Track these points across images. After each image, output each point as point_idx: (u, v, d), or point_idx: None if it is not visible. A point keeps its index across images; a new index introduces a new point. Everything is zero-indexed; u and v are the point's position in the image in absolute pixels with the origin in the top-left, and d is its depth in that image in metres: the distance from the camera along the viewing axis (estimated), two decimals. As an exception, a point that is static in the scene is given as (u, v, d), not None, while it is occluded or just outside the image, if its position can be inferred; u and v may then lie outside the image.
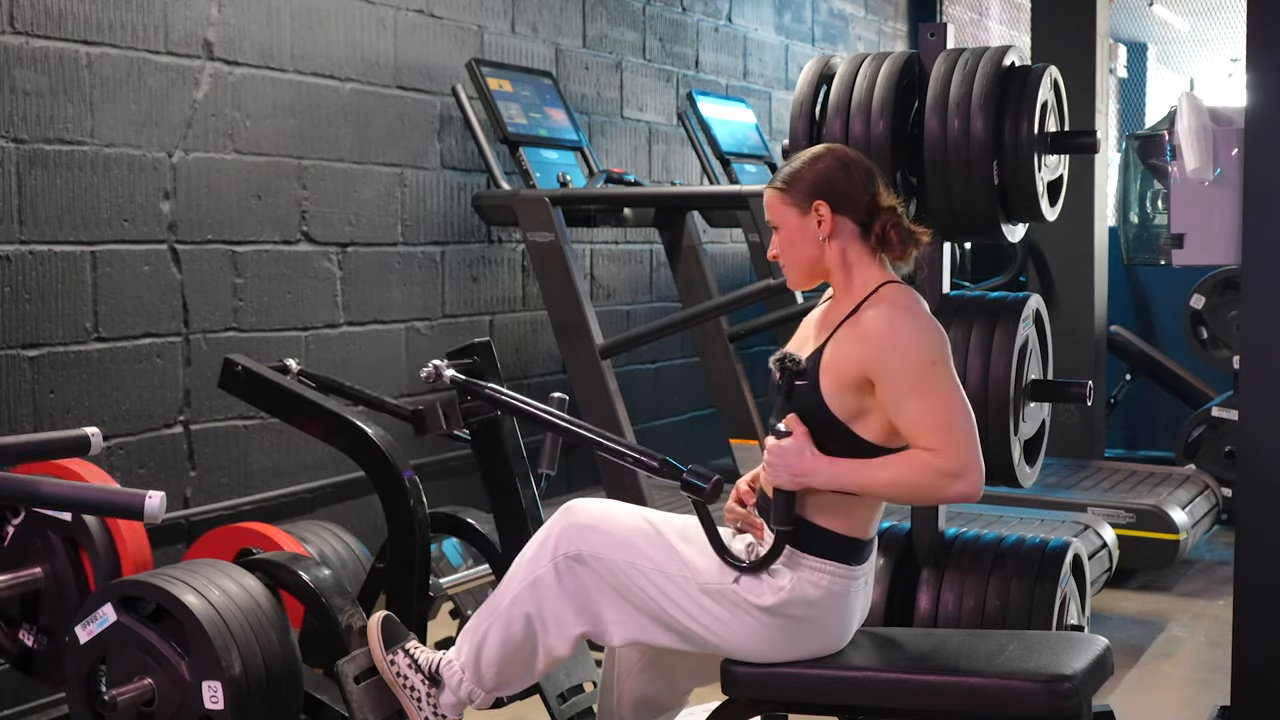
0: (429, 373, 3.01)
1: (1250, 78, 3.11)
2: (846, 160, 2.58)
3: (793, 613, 2.50)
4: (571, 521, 2.62)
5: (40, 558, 2.96)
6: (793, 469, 2.46)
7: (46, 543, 2.95)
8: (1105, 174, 6.58)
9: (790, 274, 2.64)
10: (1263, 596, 3.12)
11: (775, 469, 2.48)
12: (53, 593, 2.96)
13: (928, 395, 2.42)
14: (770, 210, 2.61)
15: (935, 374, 2.44)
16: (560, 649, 2.63)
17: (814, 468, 2.46)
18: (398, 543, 3.04)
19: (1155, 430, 7.18)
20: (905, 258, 2.58)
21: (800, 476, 2.46)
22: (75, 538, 2.95)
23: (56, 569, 2.95)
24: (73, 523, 2.93)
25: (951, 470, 2.40)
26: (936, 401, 2.42)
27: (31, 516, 2.96)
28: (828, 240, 2.56)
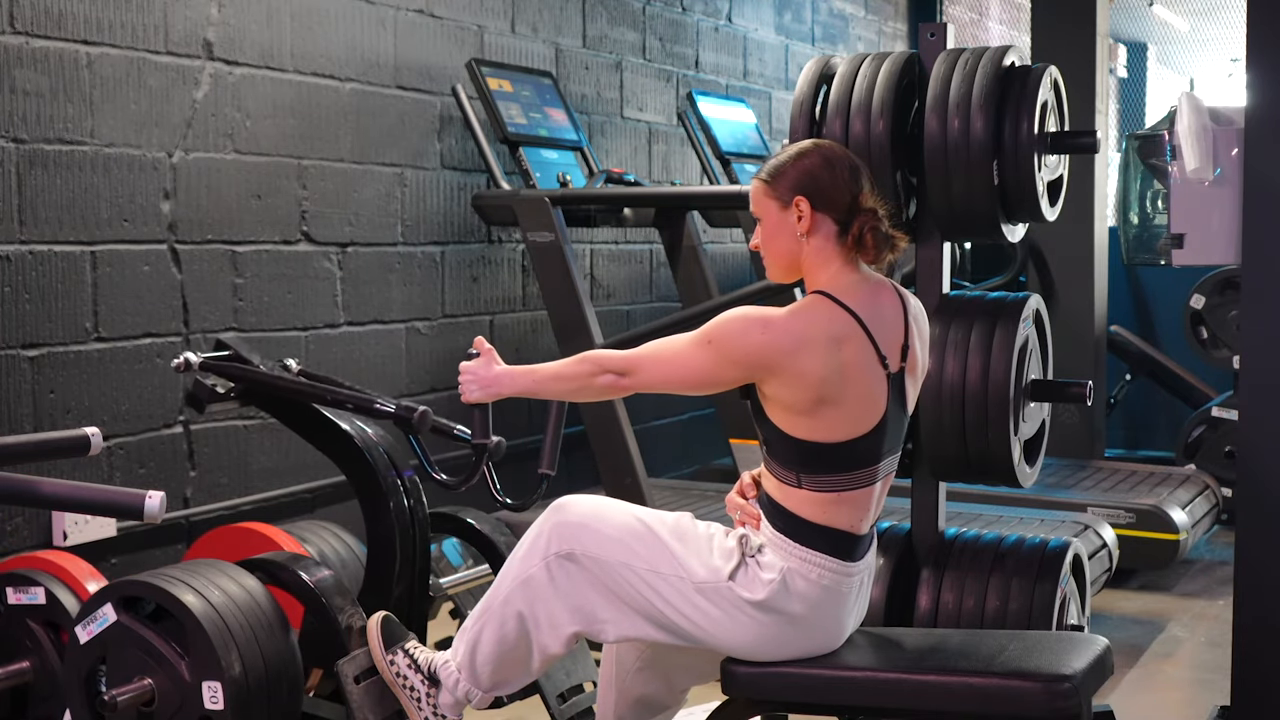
0: (179, 363, 3.15)
1: (1250, 78, 3.11)
2: (832, 158, 2.58)
3: (785, 607, 2.50)
4: (563, 520, 2.62)
5: (25, 651, 2.94)
6: (482, 381, 2.71)
7: (28, 633, 2.93)
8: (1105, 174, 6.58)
9: (769, 267, 2.66)
10: (1263, 596, 3.12)
11: (468, 385, 2.72)
12: (42, 683, 2.93)
13: (684, 341, 2.56)
14: (754, 201, 2.63)
15: (700, 340, 2.53)
16: (554, 647, 2.63)
17: (499, 376, 2.70)
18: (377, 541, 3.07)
19: (1155, 430, 7.18)
20: (880, 261, 2.59)
21: (489, 386, 2.70)
22: (54, 620, 2.92)
23: (44, 658, 2.92)
24: (47, 605, 2.91)
25: (619, 366, 2.59)
26: (677, 346, 2.56)
27: (10, 611, 2.95)
28: (806, 236, 2.56)
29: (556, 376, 2.67)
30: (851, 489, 2.53)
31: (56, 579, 2.96)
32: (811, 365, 2.46)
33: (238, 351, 3.23)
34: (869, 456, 2.53)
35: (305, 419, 3.20)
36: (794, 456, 2.51)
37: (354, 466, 3.14)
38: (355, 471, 3.14)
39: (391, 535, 3.06)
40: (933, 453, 3.17)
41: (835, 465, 2.51)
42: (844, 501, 2.53)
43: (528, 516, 3.20)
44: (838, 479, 2.51)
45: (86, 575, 3.00)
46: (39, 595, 2.92)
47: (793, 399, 2.48)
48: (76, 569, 3.02)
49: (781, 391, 2.49)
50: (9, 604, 2.94)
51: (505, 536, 3.31)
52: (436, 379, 4.84)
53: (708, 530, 2.62)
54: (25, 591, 2.93)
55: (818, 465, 2.51)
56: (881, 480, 2.58)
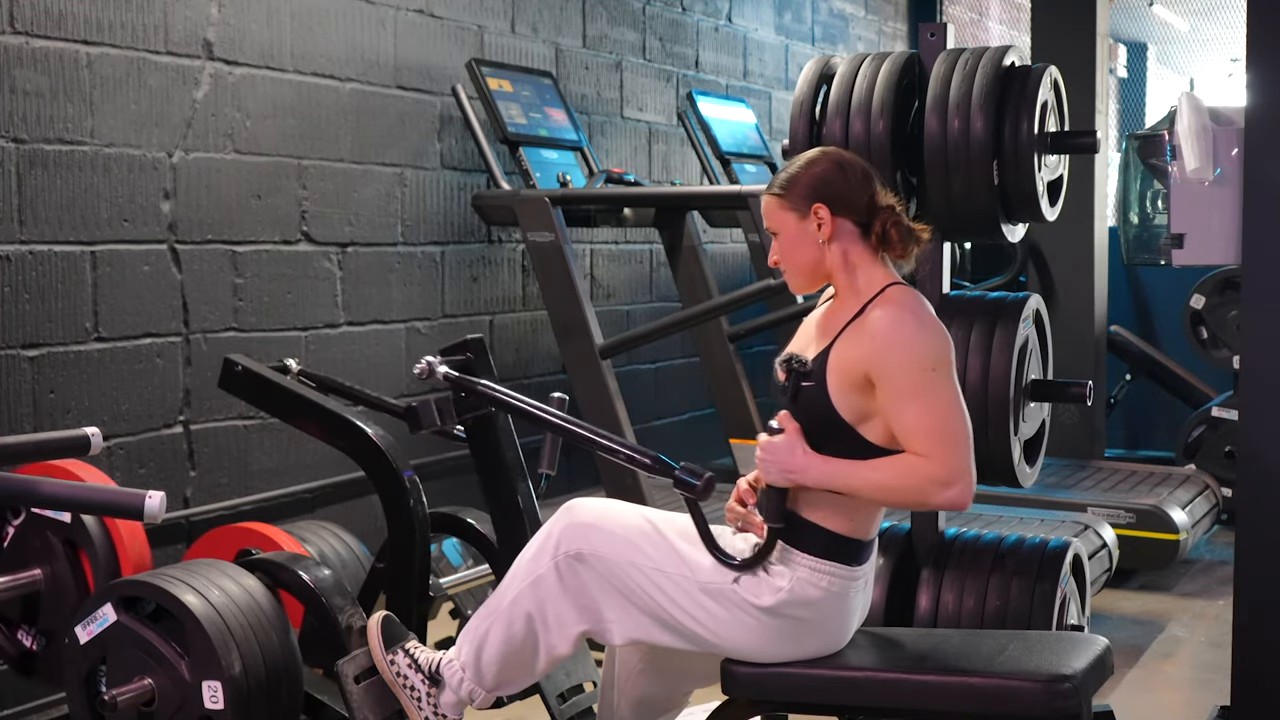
0: (422, 369, 2.99)
1: (1250, 78, 3.11)
2: (843, 162, 2.58)
3: (792, 613, 2.50)
4: (573, 520, 2.62)
5: (40, 559, 2.96)
6: (784, 465, 2.47)
7: (46, 544, 2.95)
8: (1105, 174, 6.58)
9: (792, 279, 2.63)
10: (1263, 597, 3.12)
11: (767, 466, 2.49)
12: (52, 595, 2.95)
13: (925, 399, 2.41)
14: (768, 216, 2.61)
15: (934, 379, 2.43)
16: (561, 648, 2.63)
17: (805, 464, 2.46)
18: (398, 542, 3.04)
19: (1155, 430, 7.18)
20: (907, 256, 2.58)
21: (791, 474, 2.47)
22: (74, 539, 2.94)
23: (56, 571, 2.95)
24: (72, 524, 2.93)
25: (942, 478, 2.40)
26: (933, 406, 2.42)
27: (31, 518, 2.96)
28: (828, 243, 2.56)
29: (882, 488, 2.44)
30: None
31: None
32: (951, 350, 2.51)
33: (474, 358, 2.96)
34: None
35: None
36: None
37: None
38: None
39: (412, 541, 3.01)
40: (933, 453, 3.17)
41: None
42: (868, 507, 2.54)
43: (528, 516, 3.20)
44: None
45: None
46: (65, 514, 2.92)
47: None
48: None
49: None
50: (32, 511, 2.95)
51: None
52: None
53: (715, 531, 2.62)
54: None
55: None
56: None
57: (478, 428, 3.12)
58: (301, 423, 3.20)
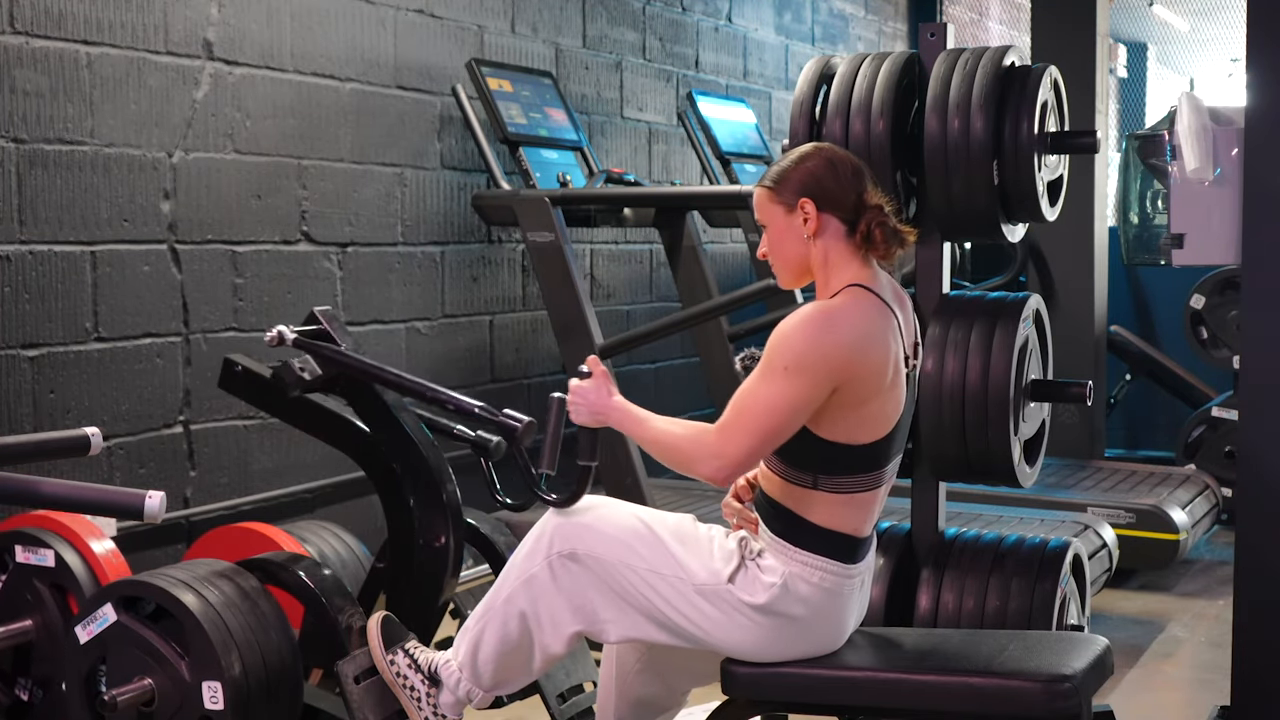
0: (273, 337, 3.02)
1: (1250, 78, 3.11)
2: (834, 159, 2.58)
3: (786, 610, 2.50)
4: (565, 520, 2.62)
5: (29, 610, 2.96)
6: (592, 406, 2.62)
7: (34, 593, 2.95)
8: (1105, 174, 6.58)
9: (779, 273, 2.64)
10: (1263, 597, 3.12)
11: (576, 407, 2.63)
12: (45, 643, 2.95)
13: (759, 383, 2.46)
14: (759, 208, 2.62)
15: (782, 376, 2.42)
16: (556, 647, 2.63)
17: (609, 405, 2.61)
18: (398, 542, 3.04)
19: (1155, 430, 7.17)
20: (890, 257, 2.58)
21: (599, 414, 2.62)
22: (61, 583, 2.94)
23: (47, 619, 2.94)
24: (56, 568, 2.93)
25: (717, 451, 2.47)
26: (759, 393, 2.45)
27: (17, 569, 2.96)
28: (813, 239, 2.56)
29: (665, 444, 2.53)
30: (865, 490, 2.53)
31: (67, 542, 2.97)
32: (877, 358, 2.46)
33: (329, 327, 3.06)
34: (884, 457, 2.54)
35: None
36: (816, 458, 2.50)
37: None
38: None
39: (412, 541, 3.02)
40: (933, 453, 3.17)
41: (855, 467, 2.51)
42: (855, 504, 2.53)
43: (528, 516, 3.21)
44: (855, 480, 2.51)
45: (96, 539, 3.00)
46: (48, 558, 2.93)
47: (853, 396, 2.46)
48: (87, 532, 3.02)
49: (846, 391, 2.46)
50: (17, 562, 2.95)
51: (505, 536, 3.30)
52: (437, 379, 4.82)
53: (708, 532, 2.62)
54: (35, 552, 2.94)
55: (838, 467, 2.50)
56: (888, 482, 2.59)
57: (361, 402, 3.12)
58: (300, 423, 3.20)
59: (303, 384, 3.03)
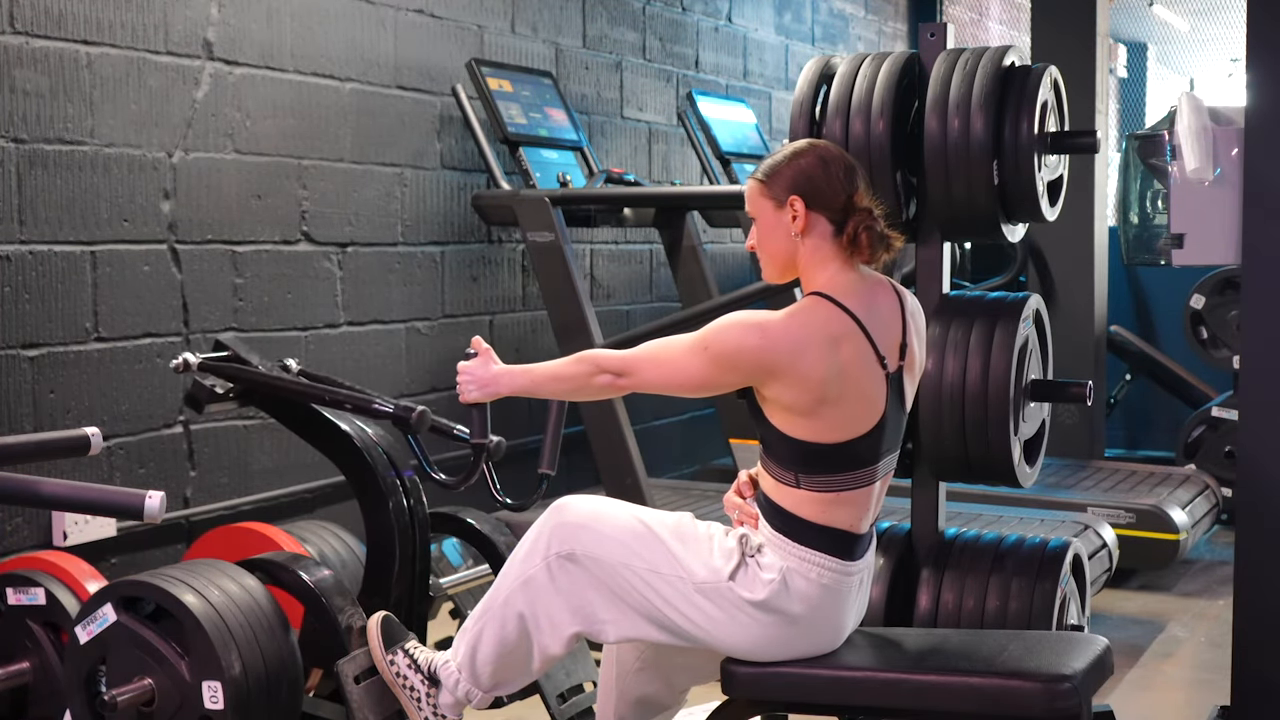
0: (178, 364, 3.16)
1: (1250, 78, 3.11)
2: (827, 157, 2.58)
3: (785, 607, 2.50)
4: (563, 520, 2.62)
5: (25, 652, 2.95)
6: (479, 380, 2.71)
7: (28, 633, 2.94)
8: (1105, 174, 6.58)
9: (765, 267, 2.65)
10: (1263, 597, 3.12)
11: (465, 385, 2.72)
12: (42, 684, 2.94)
13: (681, 344, 2.54)
14: (750, 201, 2.63)
15: (697, 345, 2.52)
16: (555, 648, 2.63)
17: (496, 375, 2.70)
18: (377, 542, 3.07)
19: (1155, 430, 7.18)
20: (875, 261, 2.58)
21: (488, 386, 2.70)
22: (55, 621, 2.93)
23: (44, 659, 2.93)
24: (48, 605, 2.92)
25: (616, 367, 2.58)
26: (674, 350, 2.55)
27: (9, 611, 2.96)
28: (800, 236, 2.56)
29: (554, 377, 2.66)
30: (851, 489, 2.52)
31: (57, 579, 2.96)
32: (811, 367, 2.46)
33: (236, 352, 3.23)
34: (868, 456, 2.53)
35: (304, 419, 3.20)
36: (793, 457, 2.51)
37: (353, 466, 3.14)
38: (354, 472, 3.14)
39: (391, 535, 3.06)
40: (933, 453, 3.17)
41: (835, 465, 2.51)
42: (843, 501, 2.53)
43: (528, 516, 3.20)
44: (837, 479, 2.51)
45: (87, 576, 3.01)
46: (39, 596, 2.92)
47: (793, 401, 2.48)
48: (77, 569, 3.02)
49: (782, 394, 2.48)
50: (9, 604, 2.94)
51: (505, 536, 3.31)
52: (437, 379, 4.84)
53: (708, 530, 2.62)
54: (25, 592, 2.93)
55: (817, 466, 2.50)
56: (881, 479, 2.58)
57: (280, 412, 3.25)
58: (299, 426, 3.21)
59: (217, 397, 3.16)
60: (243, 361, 3.21)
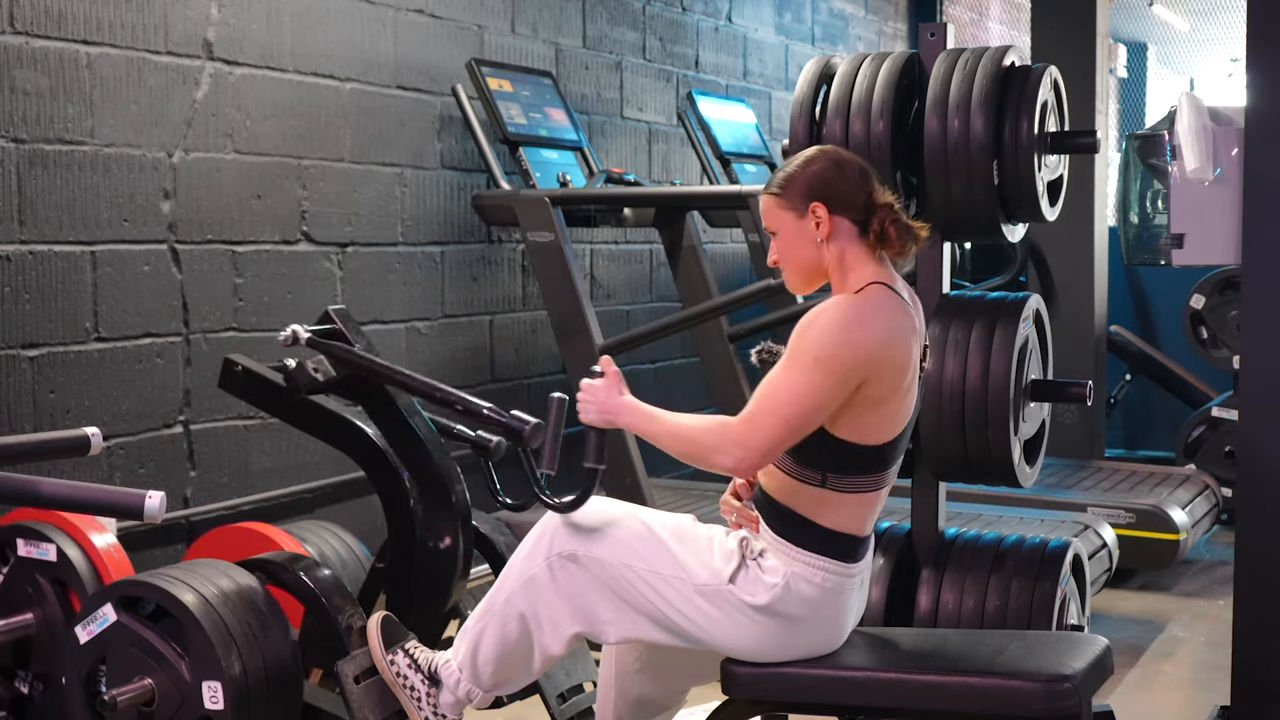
0: (286, 336, 3.00)
1: (1250, 78, 3.11)
2: (840, 160, 2.58)
3: (787, 610, 2.50)
4: (566, 520, 2.62)
5: (30, 603, 2.96)
6: (602, 407, 2.58)
7: (36, 587, 2.95)
8: (1105, 174, 6.58)
9: (791, 278, 2.62)
10: (1263, 597, 3.12)
11: (586, 406, 2.59)
12: (45, 637, 2.95)
13: (785, 374, 2.43)
14: (767, 216, 2.60)
15: (808, 366, 2.41)
16: (556, 648, 2.63)
17: (620, 405, 2.57)
18: (398, 543, 3.04)
19: (1155, 430, 7.18)
20: (905, 253, 2.57)
21: (608, 414, 2.58)
22: (63, 578, 2.94)
23: (48, 613, 2.94)
24: (58, 563, 2.93)
25: (738, 441, 2.43)
26: (785, 383, 2.43)
27: (19, 562, 2.96)
28: (826, 242, 2.55)
29: (680, 436, 2.50)
30: (873, 490, 2.53)
31: (69, 536, 2.97)
32: (902, 356, 2.46)
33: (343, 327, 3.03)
34: (892, 458, 2.54)
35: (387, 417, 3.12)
36: (828, 457, 2.48)
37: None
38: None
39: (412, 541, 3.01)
40: (933, 453, 3.17)
41: (865, 467, 2.50)
42: (861, 503, 2.53)
43: (528, 516, 3.21)
44: (864, 480, 2.51)
45: (98, 533, 3.00)
46: (50, 552, 2.93)
47: (876, 394, 2.45)
48: (89, 526, 3.02)
49: (869, 388, 2.44)
50: (19, 555, 2.95)
51: (505, 536, 3.30)
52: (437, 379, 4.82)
53: (709, 532, 2.62)
54: (36, 546, 2.94)
55: (849, 466, 2.50)
56: (891, 481, 2.59)
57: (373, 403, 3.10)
58: (300, 423, 3.20)
59: (315, 385, 3.00)
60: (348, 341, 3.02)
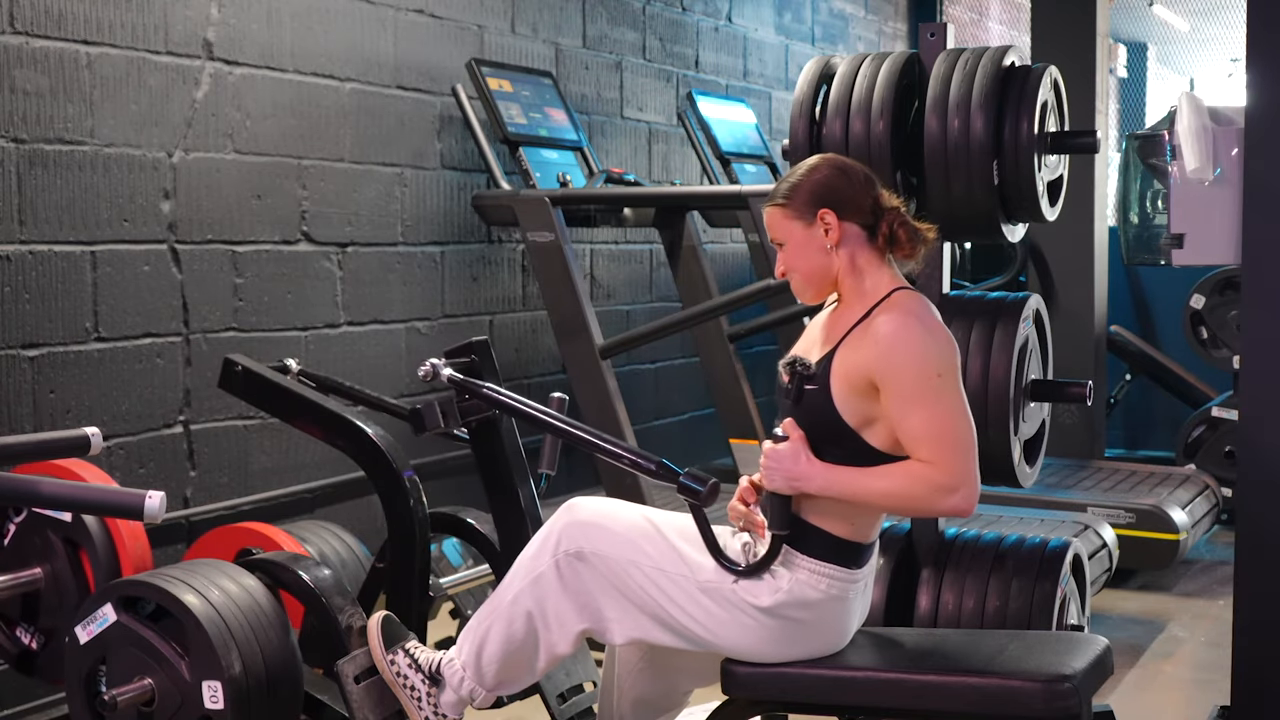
0: (426, 371, 2.97)
1: (1250, 78, 3.11)
2: (844, 166, 2.58)
3: (790, 614, 2.50)
4: (573, 519, 2.62)
5: (40, 558, 2.96)
6: (788, 473, 2.47)
7: (46, 543, 2.95)
8: (1105, 174, 6.58)
9: (801, 288, 2.61)
10: (1263, 596, 3.12)
11: (771, 473, 2.49)
12: (52, 593, 2.95)
13: (930, 405, 2.41)
14: (773, 227, 2.59)
15: (940, 385, 2.43)
16: (562, 646, 2.63)
17: (809, 472, 2.46)
18: (398, 543, 3.04)
19: (1155, 430, 7.18)
20: (915, 255, 2.57)
21: (796, 481, 2.47)
22: (75, 538, 2.95)
23: (56, 569, 2.95)
24: (72, 523, 2.93)
25: (947, 484, 2.41)
26: (939, 413, 2.41)
27: (32, 516, 2.96)
28: (836, 248, 2.54)
29: (887, 494, 2.44)
30: None
31: None
32: (957, 356, 2.51)
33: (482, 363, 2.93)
34: None
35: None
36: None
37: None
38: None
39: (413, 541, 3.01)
40: (933, 453, 3.17)
41: None
42: (868, 511, 2.54)
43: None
44: None
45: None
46: (65, 513, 2.92)
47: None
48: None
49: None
50: (32, 510, 2.95)
51: (505, 536, 3.30)
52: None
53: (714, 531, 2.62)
54: None
55: None
56: None
57: (481, 429, 3.12)
58: (301, 423, 3.20)
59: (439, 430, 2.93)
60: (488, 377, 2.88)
